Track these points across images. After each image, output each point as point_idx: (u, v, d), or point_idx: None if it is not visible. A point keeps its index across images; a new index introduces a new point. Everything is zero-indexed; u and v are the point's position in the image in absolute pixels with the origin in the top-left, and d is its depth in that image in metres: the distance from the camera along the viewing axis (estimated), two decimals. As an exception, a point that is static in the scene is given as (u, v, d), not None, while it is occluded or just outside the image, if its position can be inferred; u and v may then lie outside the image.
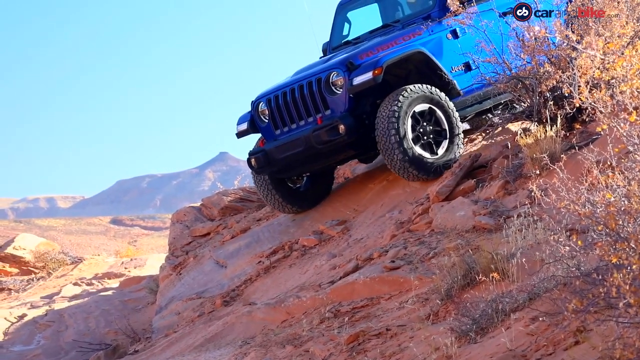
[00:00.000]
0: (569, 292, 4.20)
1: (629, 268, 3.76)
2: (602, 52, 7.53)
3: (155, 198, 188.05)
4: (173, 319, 9.81)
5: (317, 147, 9.21)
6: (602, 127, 4.89)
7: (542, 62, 8.35)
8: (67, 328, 13.18)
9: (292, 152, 9.46)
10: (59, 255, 18.65)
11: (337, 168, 10.93)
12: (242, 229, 11.07)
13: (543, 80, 8.24)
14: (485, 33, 8.99)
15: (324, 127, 9.13)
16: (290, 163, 9.64)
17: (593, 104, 7.05)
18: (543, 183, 6.39)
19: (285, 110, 9.56)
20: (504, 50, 8.88)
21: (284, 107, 9.56)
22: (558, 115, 8.11)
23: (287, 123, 9.58)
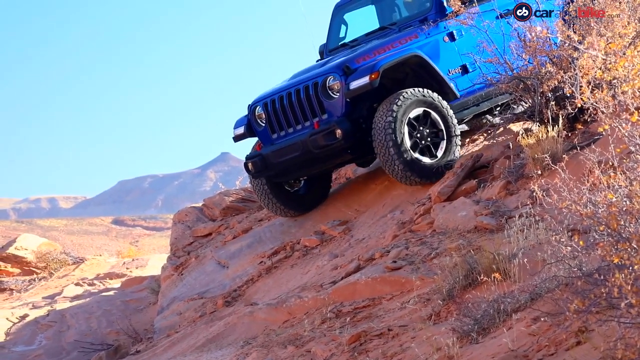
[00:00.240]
0: (571, 292, 4.20)
1: (631, 268, 3.77)
2: (603, 52, 7.52)
3: (157, 198, 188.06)
4: (175, 319, 9.82)
5: (314, 151, 9.19)
6: (603, 127, 4.89)
7: (543, 62, 8.35)
8: (68, 328, 13.19)
9: (289, 156, 9.44)
10: (61, 256, 18.66)
11: (337, 170, 10.91)
12: (243, 229, 11.08)
13: (545, 81, 8.24)
14: (487, 33, 8.99)
15: (321, 131, 9.10)
16: (288, 167, 9.62)
17: (595, 104, 7.05)
18: (545, 183, 6.39)
19: (282, 115, 9.54)
20: (506, 51, 8.88)
21: (281, 111, 9.54)
22: (560, 116, 8.11)
23: (284, 127, 9.56)
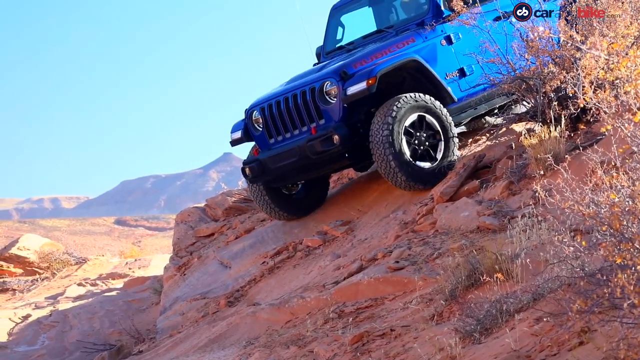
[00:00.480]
0: (573, 292, 4.20)
1: (634, 269, 3.76)
2: (606, 52, 7.52)
3: (160, 198, 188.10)
4: (177, 320, 9.82)
5: (311, 157, 9.15)
6: (606, 127, 4.88)
7: (546, 62, 8.35)
8: (71, 328, 13.20)
9: (286, 162, 9.41)
10: (63, 256, 18.67)
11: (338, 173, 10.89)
12: (246, 230, 11.08)
13: (547, 81, 8.24)
14: (490, 33, 8.98)
15: (318, 137, 9.06)
16: (285, 172, 9.60)
17: (597, 105, 7.06)
18: (547, 183, 6.39)
19: (279, 120, 9.50)
20: (508, 51, 8.87)
21: (278, 116, 9.50)
22: (562, 116, 8.10)
23: (281, 132, 9.53)
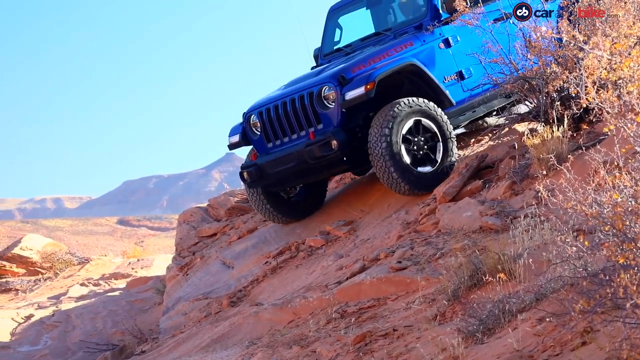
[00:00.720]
0: (576, 292, 4.20)
1: (636, 269, 3.76)
2: (609, 52, 7.52)
3: (162, 198, 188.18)
4: (180, 320, 9.82)
5: (309, 162, 9.13)
6: (609, 127, 4.89)
7: (548, 62, 8.34)
8: (74, 328, 13.21)
9: (284, 167, 9.38)
10: (66, 256, 18.70)
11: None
12: (248, 230, 11.08)
13: (550, 81, 8.23)
14: (492, 34, 8.98)
15: (317, 142, 9.03)
16: (283, 177, 9.58)
17: (600, 105, 7.06)
18: (550, 183, 6.39)
19: (277, 124, 9.47)
20: (511, 51, 8.86)
21: (276, 120, 9.47)
22: (565, 116, 8.10)
23: (279, 136, 9.50)
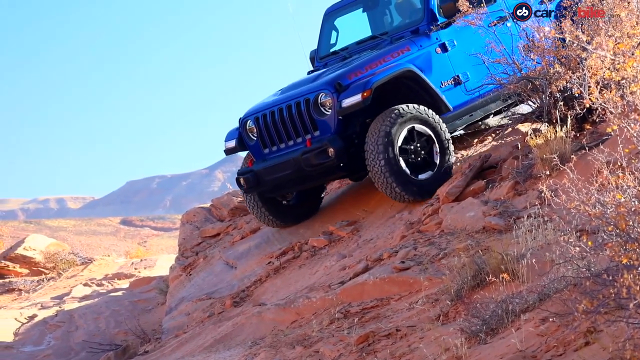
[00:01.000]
0: (579, 292, 4.20)
1: (639, 269, 3.76)
2: (612, 52, 7.51)
3: (165, 199, 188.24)
4: (183, 320, 9.83)
5: (306, 169, 9.10)
6: (612, 127, 4.88)
7: (552, 62, 8.34)
8: (77, 328, 13.22)
9: (281, 174, 9.36)
10: (69, 256, 18.73)
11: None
12: (251, 230, 11.09)
13: (553, 81, 8.23)
14: (495, 34, 8.97)
15: (313, 150, 9.00)
16: (280, 184, 9.56)
17: (603, 105, 7.04)
18: (553, 184, 6.38)
19: (274, 130, 9.44)
20: (513, 51, 8.86)
21: (273, 126, 9.44)
22: (568, 116, 8.10)
23: (275, 143, 9.47)
